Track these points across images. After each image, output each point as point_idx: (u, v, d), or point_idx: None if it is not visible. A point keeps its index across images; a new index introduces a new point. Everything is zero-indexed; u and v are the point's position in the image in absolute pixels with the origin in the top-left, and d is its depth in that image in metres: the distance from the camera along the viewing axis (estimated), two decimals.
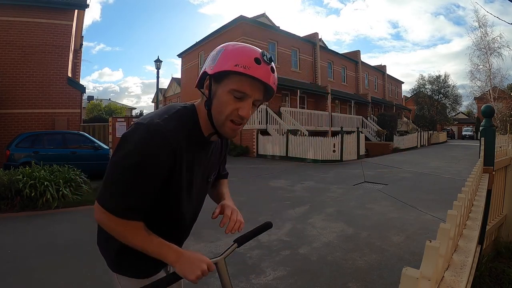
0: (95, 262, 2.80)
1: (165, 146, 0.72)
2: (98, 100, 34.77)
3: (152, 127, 0.72)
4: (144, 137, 0.71)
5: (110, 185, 0.73)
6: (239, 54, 0.72)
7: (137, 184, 0.72)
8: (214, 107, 0.76)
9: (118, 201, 0.72)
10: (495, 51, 17.11)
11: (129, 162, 0.70)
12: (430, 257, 0.51)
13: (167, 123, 0.74)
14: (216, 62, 0.74)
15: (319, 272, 2.57)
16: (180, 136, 0.75)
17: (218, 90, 0.75)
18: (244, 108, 0.75)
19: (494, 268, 2.34)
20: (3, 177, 4.71)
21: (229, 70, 0.71)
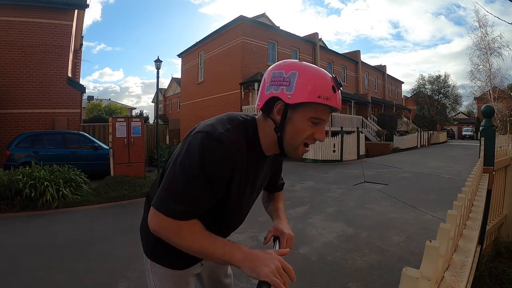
0: (95, 262, 2.80)
1: (229, 157, 0.73)
2: (98, 100, 34.76)
3: (218, 137, 0.73)
4: (210, 147, 0.72)
5: (172, 191, 0.73)
6: (319, 83, 0.73)
7: (197, 195, 0.73)
8: (289, 132, 0.77)
9: (181, 205, 0.72)
10: (495, 51, 17.11)
11: (193, 170, 0.71)
12: (430, 257, 0.51)
13: (231, 135, 0.75)
14: (294, 90, 0.73)
15: (319, 272, 2.57)
16: (242, 149, 0.77)
17: (294, 116, 0.76)
18: (320, 132, 0.79)
19: (494, 268, 2.34)
20: (3, 177, 4.71)
21: (312, 102, 0.72)
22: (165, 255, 0.91)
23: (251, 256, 0.71)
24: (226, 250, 0.72)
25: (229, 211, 0.87)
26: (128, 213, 4.71)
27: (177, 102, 28.09)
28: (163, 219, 0.73)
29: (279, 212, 1.05)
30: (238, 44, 14.32)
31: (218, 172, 0.73)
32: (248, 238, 3.35)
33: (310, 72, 0.75)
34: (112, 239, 3.45)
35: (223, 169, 0.73)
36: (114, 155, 6.34)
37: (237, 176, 0.78)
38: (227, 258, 0.72)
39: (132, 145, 6.51)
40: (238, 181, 0.80)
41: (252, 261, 0.70)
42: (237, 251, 0.72)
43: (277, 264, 0.69)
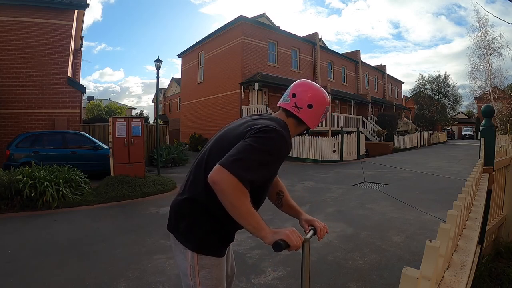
0: (95, 262, 2.81)
1: (287, 148, 1.05)
2: (98, 100, 34.76)
3: (281, 133, 1.02)
4: (278, 138, 1.00)
5: (244, 160, 0.91)
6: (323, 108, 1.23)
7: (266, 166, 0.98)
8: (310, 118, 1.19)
9: (247, 173, 0.91)
10: (495, 51, 17.11)
11: (265, 150, 0.96)
12: (430, 257, 0.51)
13: (285, 131, 1.07)
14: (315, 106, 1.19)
15: (319, 272, 2.57)
16: (290, 142, 1.09)
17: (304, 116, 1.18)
18: None
19: (494, 268, 2.34)
20: (3, 177, 4.71)
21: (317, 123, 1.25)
22: (216, 242, 1.07)
23: (273, 231, 0.94)
24: (260, 221, 0.93)
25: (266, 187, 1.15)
26: (128, 213, 4.71)
27: (177, 102, 28.09)
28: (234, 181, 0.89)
29: (297, 208, 1.44)
30: (238, 44, 14.32)
31: (280, 155, 1.02)
32: (248, 238, 3.35)
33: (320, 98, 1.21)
34: (112, 239, 3.45)
35: (283, 154, 1.04)
36: (114, 155, 6.34)
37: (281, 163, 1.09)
38: (258, 227, 0.93)
39: (132, 145, 6.51)
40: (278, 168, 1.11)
41: (275, 232, 0.93)
42: (266, 226, 0.94)
43: (292, 229, 0.95)
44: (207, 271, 1.05)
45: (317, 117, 1.19)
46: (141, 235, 3.55)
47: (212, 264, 1.06)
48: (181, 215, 1.08)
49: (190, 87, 19.06)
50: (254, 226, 0.92)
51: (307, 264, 1.05)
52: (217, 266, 1.07)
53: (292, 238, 0.92)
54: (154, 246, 3.17)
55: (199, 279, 1.05)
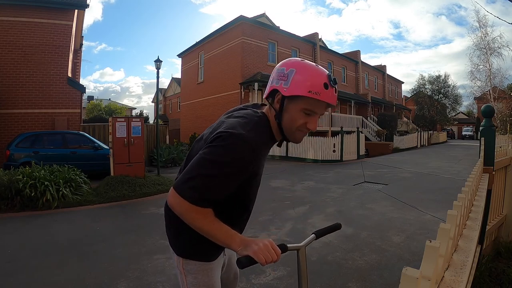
0: (95, 262, 2.81)
1: (251, 155, 0.85)
2: (98, 100, 34.76)
3: (241, 137, 0.84)
4: (235, 145, 0.83)
5: (196, 179, 0.82)
6: (310, 78, 0.84)
7: (219, 181, 0.83)
8: (286, 120, 0.91)
9: (197, 193, 0.82)
10: (495, 51, 17.11)
11: (219, 162, 0.82)
12: (430, 257, 0.51)
13: (251, 134, 0.86)
14: (289, 84, 0.86)
15: (319, 272, 2.57)
16: (261, 144, 0.89)
17: (289, 106, 0.89)
18: (312, 122, 0.90)
19: (494, 268, 2.34)
20: (3, 177, 4.71)
21: (303, 95, 0.84)
22: (202, 249, 1.00)
23: (246, 240, 0.84)
24: (228, 234, 0.85)
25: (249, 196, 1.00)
26: (128, 213, 4.71)
27: (177, 102, 28.08)
28: (186, 205, 0.83)
29: None
30: (238, 44, 14.32)
31: (239, 165, 0.84)
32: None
33: (305, 69, 0.86)
34: (112, 239, 3.45)
35: (244, 164, 0.85)
36: (114, 155, 6.34)
37: (256, 166, 0.90)
38: (228, 241, 0.84)
39: (132, 145, 6.51)
40: (256, 168, 0.92)
41: (247, 243, 0.83)
42: (236, 237, 0.85)
43: (265, 243, 0.82)
44: (193, 277, 1.01)
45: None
46: (141, 235, 3.55)
47: (199, 269, 1.01)
48: (168, 220, 1.04)
49: (190, 87, 19.06)
50: (223, 242, 0.85)
51: (304, 272, 0.99)
52: (204, 271, 1.02)
53: (260, 256, 0.79)
54: (154, 246, 3.17)
55: (187, 285, 1.03)
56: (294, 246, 0.98)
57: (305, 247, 1.01)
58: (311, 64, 0.88)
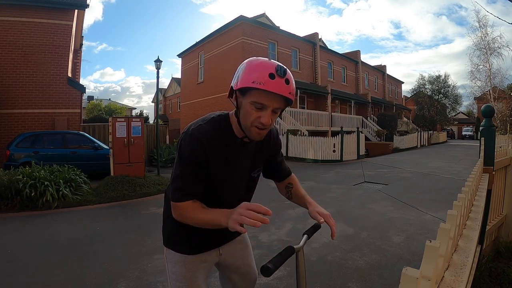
0: (95, 262, 2.81)
1: (197, 145, 0.93)
2: (98, 100, 34.75)
3: (189, 133, 0.95)
4: (185, 141, 0.94)
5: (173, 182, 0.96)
6: (256, 70, 0.85)
7: (187, 175, 0.93)
8: (241, 116, 0.92)
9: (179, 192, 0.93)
10: (495, 51, 17.12)
11: (177, 161, 0.96)
12: (430, 257, 0.51)
13: (201, 128, 0.95)
14: (239, 78, 0.88)
15: (319, 272, 2.57)
16: (210, 137, 0.95)
17: (242, 102, 0.90)
18: (264, 116, 0.88)
19: (494, 268, 2.34)
20: (3, 177, 4.71)
21: (248, 86, 0.85)
22: (179, 242, 1.09)
23: (228, 213, 0.86)
24: (215, 216, 0.89)
25: (221, 188, 1.03)
26: (128, 213, 4.71)
27: (177, 102, 28.09)
28: (175, 205, 0.95)
29: (306, 198, 1.31)
30: (238, 44, 14.32)
31: (193, 157, 0.92)
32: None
33: (252, 63, 0.88)
34: (112, 239, 3.45)
35: (196, 154, 0.92)
36: (114, 155, 6.34)
37: (213, 158, 0.96)
38: (217, 222, 0.88)
39: (132, 145, 6.51)
40: (217, 162, 0.97)
41: (227, 217, 0.84)
42: (222, 215, 0.87)
43: (239, 210, 0.82)
44: (172, 265, 1.09)
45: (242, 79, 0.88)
46: (141, 235, 3.55)
47: (176, 260, 1.09)
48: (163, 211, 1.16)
49: (190, 87, 19.06)
50: (214, 224, 0.90)
51: (302, 273, 0.99)
52: (181, 263, 1.08)
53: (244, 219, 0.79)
54: (154, 246, 3.16)
55: (168, 272, 1.12)
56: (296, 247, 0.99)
57: (303, 248, 1.02)
58: (261, 59, 0.89)
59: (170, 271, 1.10)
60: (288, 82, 0.87)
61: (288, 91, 0.87)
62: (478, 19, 17.13)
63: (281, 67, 0.86)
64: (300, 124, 14.30)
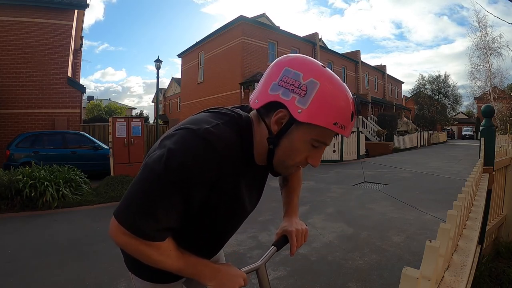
0: (94, 262, 2.81)
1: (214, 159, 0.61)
2: (98, 100, 34.76)
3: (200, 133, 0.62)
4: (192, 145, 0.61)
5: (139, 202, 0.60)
6: (340, 107, 0.61)
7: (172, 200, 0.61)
8: (283, 149, 0.65)
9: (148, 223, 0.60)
10: (495, 51, 17.13)
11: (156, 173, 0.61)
12: (430, 257, 0.51)
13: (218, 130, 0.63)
14: (308, 105, 0.59)
15: (319, 272, 2.57)
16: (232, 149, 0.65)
17: (295, 133, 0.63)
18: (316, 157, 0.67)
19: (494, 268, 2.34)
20: (3, 177, 4.71)
21: (326, 128, 0.61)
22: (145, 269, 0.75)
23: (219, 274, 0.71)
24: (196, 270, 0.70)
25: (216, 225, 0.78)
26: None
27: (177, 102, 28.09)
28: (131, 238, 0.62)
29: (288, 206, 0.99)
30: (238, 44, 14.32)
31: (196, 174, 0.60)
32: (248, 238, 3.35)
33: (333, 88, 0.62)
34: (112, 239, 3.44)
35: (203, 171, 0.60)
36: (114, 155, 6.34)
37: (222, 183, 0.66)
38: (197, 277, 0.70)
39: (132, 145, 6.52)
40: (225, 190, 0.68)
41: (220, 280, 0.70)
42: (206, 270, 0.70)
43: (240, 283, 0.71)
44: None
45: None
46: None
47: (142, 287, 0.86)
48: None
49: (190, 87, 19.06)
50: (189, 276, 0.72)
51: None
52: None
53: None
54: None
55: None
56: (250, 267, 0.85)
57: (264, 265, 0.88)
58: (336, 77, 0.64)
59: None
60: None
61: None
62: (478, 19, 17.15)
63: (358, 104, 0.65)
64: None
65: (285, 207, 1.01)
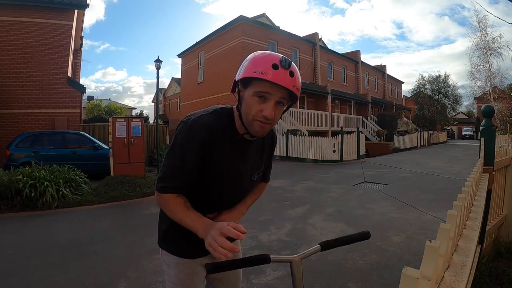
0: (95, 262, 2.81)
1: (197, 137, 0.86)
2: (98, 100, 34.75)
3: (188, 123, 0.88)
4: (182, 131, 0.88)
5: (161, 171, 0.92)
6: (260, 61, 0.82)
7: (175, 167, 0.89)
8: (243, 109, 0.87)
9: (163, 182, 0.90)
10: (495, 51, 17.12)
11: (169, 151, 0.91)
12: (430, 257, 0.51)
13: (201, 119, 0.89)
14: (242, 70, 0.85)
15: (319, 272, 2.57)
16: (213, 130, 0.88)
17: (244, 94, 0.86)
18: (267, 109, 0.83)
19: (494, 268, 2.34)
20: (3, 177, 4.71)
21: (249, 76, 0.81)
22: (173, 243, 1.04)
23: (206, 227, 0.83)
24: (193, 224, 0.86)
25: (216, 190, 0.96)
26: (128, 213, 4.71)
27: (177, 102, 28.08)
28: (156, 195, 0.93)
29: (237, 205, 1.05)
30: (238, 44, 14.32)
31: (188, 150, 0.87)
32: (248, 238, 3.35)
33: (256, 55, 0.85)
34: (112, 239, 3.45)
35: (193, 148, 0.86)
36: (114, 155, 6.34)
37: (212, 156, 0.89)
38: (195, 230, 0.86)
39: (132, 145, 6.51)
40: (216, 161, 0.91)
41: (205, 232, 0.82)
42: (200, 227, 0.85)
43: (212, 233, 0.78)
44: (167, 267, 1.06)
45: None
46: (141, 235, 3.55)
47: (171, 261, 1.04)
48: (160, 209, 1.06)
49: (190, 87, 19.06)
50: (191, 229, 0.87)
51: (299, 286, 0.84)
52: (175, 265, 1.03)
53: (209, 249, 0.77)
54: (154, 246, 3.16)
55: (164, 274, 1.08)
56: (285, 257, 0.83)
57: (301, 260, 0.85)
58: (267, 52, 0.85)
59: (166, 273, 1.07)
60: (293, 75, 0.82)
61: (292, 84, 0.81)
62: (478, 19, 17.14)
63: (286, 59, 0.82)
64: (300, 124, 14.30)
65: None
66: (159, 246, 1.08)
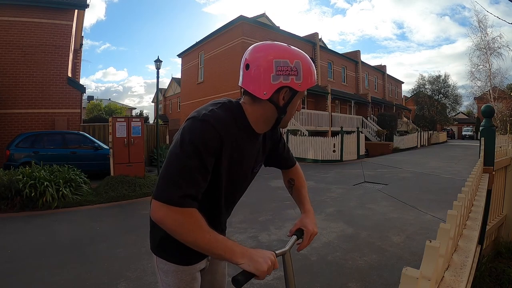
0: (95, 262, 2.81)
1: (212, 133, 0.78)
2: (98, 100, 34.74)
3: (201, 118, 0.79)
4: (195, 127, 0.78)
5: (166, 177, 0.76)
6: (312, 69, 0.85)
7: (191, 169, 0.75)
8: (289, 111, 0.88)
9: (176, 191, 0.73)
10: (495, 51, 17.11)
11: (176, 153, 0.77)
12: (430, 257, 0.51)
13: (215, 113, 0.81)
14: (302, 78, 0.82)
15: (319, 272, 2.57)
16: (227, 125, 0.82)
17: (295, 99, 0.87)
18: (299, 105, 0.92)
19: (494, 268, 2.34)
20: (3, 177, 4.71)
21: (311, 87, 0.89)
22: (170, 250, 0.93)
23: (248, 252, 0.76)
24: (226, 246, 0.75)
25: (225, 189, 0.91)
26: (128, 213, 4.71)
27: (177, 102, 28.09)
28: (165, 208, 0.73)
29: (305, 202, 1.14)
30: (238, 44, 14.32)
31: (204, 148, 0.76)
32: (248, 238, 3.35)
33: (307, 61, 0.85)
34: (112, 239, 3.45)
35: (208, 145, 0.77)
36: (114, 155, 6.34)
37: (225, 152, 0.82)
38: (228, 254, 0.74)
39: (132, 145, 6.51)
40: (229, 158, 0.84)
41: (251, 257, 0.75)
42: (236, 248, 0.76)
43: (272, 259, 0.77)
44: (164, 275, 0.97)
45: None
46: (141, 235, 3.55)
47: (168, 269, 0.95)
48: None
49: (190, 87, 19.06)
50: (220, 254, 0.75)
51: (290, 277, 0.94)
52: (174, 273, 0.95)
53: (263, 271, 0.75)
54: None
55: (160, 281, 0.99)
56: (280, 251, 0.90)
57: (289, 251, 0.95)
58: (301, 52, 0.86)
59: (163, 281, 0.98)
60: None
61: None
62: (478, 19, 17.13)
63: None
64: (300, 124, 14.29)
65: (301, 202, 1.17)
66: (154, 253, 0.98)
